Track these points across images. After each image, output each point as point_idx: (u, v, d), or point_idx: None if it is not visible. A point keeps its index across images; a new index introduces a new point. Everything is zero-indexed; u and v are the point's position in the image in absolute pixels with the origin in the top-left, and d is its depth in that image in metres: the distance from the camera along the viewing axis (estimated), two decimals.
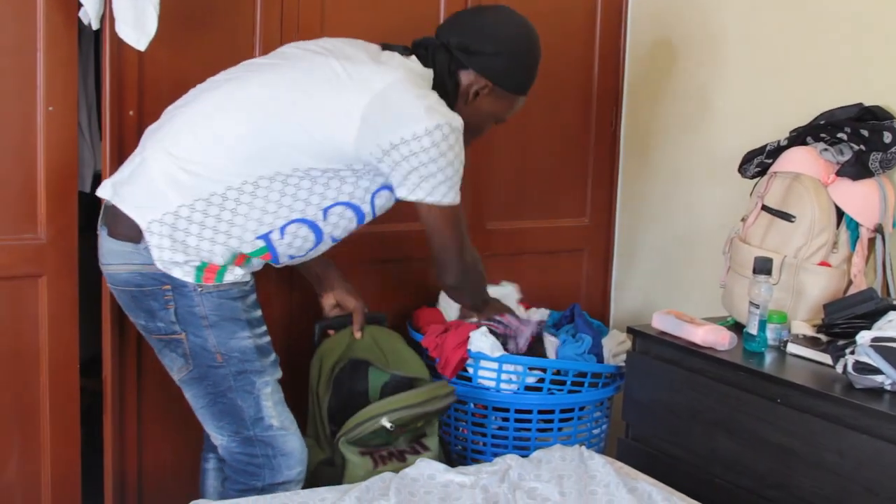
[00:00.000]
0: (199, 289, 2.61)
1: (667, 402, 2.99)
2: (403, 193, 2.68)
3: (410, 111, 2.60)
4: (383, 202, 2.78)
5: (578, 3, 3.90)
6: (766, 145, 3.18)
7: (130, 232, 2.60)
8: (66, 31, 2.93)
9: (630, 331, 3.15)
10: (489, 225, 3.76)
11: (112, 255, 2.66)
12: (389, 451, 2.97)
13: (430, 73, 2.78)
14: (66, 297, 3.01)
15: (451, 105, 2.76)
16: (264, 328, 2.74)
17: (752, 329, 2.87)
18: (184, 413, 2.86)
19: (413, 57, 2.79)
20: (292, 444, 2.74)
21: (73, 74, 2.96)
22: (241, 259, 2.65)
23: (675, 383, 2.96)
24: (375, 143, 2.59)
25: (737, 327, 3.04)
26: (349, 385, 3.13)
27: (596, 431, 3.43)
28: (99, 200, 2.76)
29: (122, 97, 2.98)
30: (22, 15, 2.86)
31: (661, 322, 3.06)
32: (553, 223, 3.97)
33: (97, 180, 3.30)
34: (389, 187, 2.72)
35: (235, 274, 2.64)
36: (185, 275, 2.59)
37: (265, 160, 2.60)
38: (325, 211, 2.69)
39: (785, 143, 3.14)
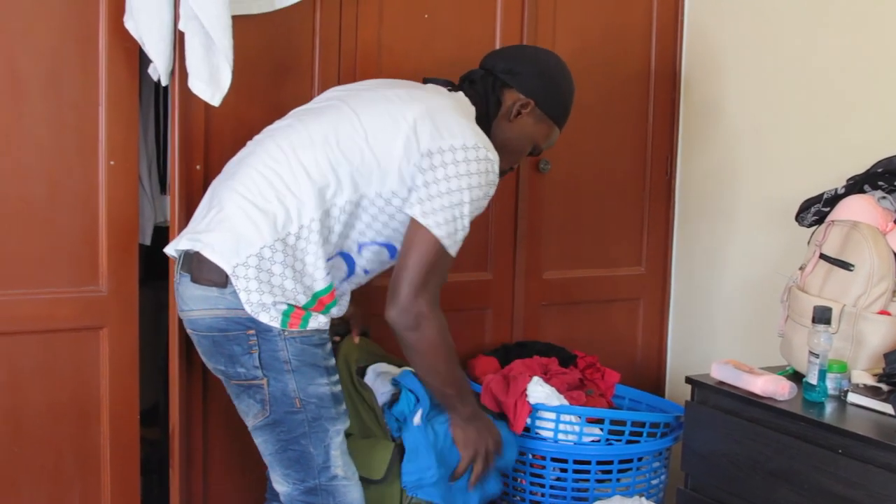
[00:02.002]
0: (285, 333, 2.62)
1: (726, 453, 2.96)
2: (413, 203, 2.68)
3: (457, 127, 2.70)
4: None
5: (633, 51, 3.91)
6: (823, 193, 3.17)
7: (216, 277, 2.61)
8: (128, 85, 2.98)
9: (688, 381, 3.13)
10: (545, 274, 3.76)
11: (195, 300, 2.67)
12: None
13: (473, 109, 2.87)
14: (127, 348, 3.05)
15: (492, 124, 2.90)
16: (338, 376, 2.75)
17: (812, 379, 2.84)
18: (248, 462, 2.87)
19: (460, 93, 2.90)
20: (353, 495, 2.74)
21: (134, 128, 3.01)
22: (327, 298, 2.68)
23: (734, 434, 2.93)
24: (418, 150, 2.67)
25: (796, 377, 3.01)
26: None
27: (655, 482, 3.40)
28: (157, 252, 2.79)
29: (190, 151, 3.01)
30: (85, 70, 2.93)
31: (719, 372, 3.03)
32: (609, 272, 3.96)
33: (157, 233, 3.36)
34: None
35: (319, 321, 2.66)
36: (272, 319, 2.60)
37: (334, 191, 2.65)
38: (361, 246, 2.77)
39: (842, 191, 3.12)
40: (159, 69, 2.88)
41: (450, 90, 2.90)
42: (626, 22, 3.88)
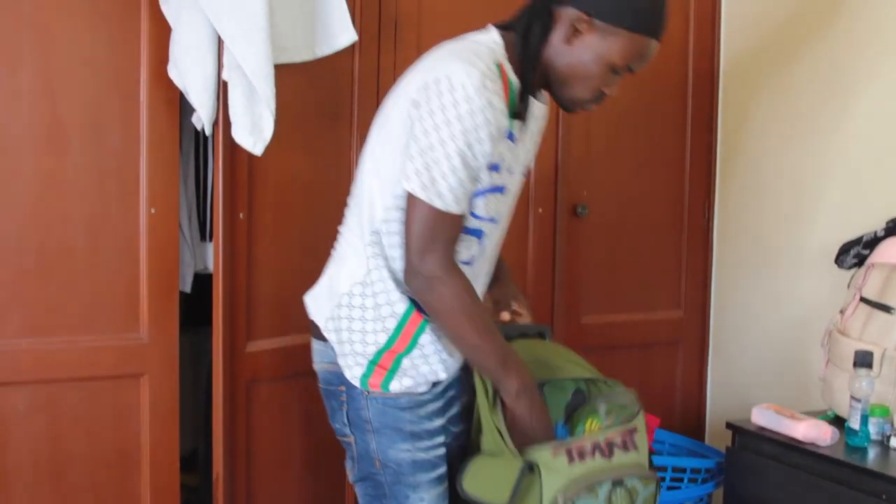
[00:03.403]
0: (367, 393, 2.51)
1: (768, 499, 2.94)
2: (407, 174, 2.35)
3: (442, 62, 2.34)
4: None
5: (670, 95, 3.93)
6: (862, 236, 3.16)
7: (319, 331, 2.57)
8: (169, 134, 3.01)
9: (729, 426, 3.11)
10: (584, 319, 3.76)
11: (315, 353, 2.61)
12: (594, 443, 2.42)
13: (495, 43, 2.43)
14: (167, 395, 3.06)
15: (541, 53, 2.43)
16: (434, 441, 2.53)
17: (854, 424, 2.82)
18: None
19: (489, 30, 2.48)
20: None
21: (174, 176, 3.04)
22: (401, 345, 2.48)
23: (776, 479, 2.91)
24: (408, 107, 2.37)
25: (837, 421, 2.99)
26: None
27: None
28: (198, 299, 2.79)
29: (234, 200, 3.02)
30: (126, 119, 2.96)
31: (760, 417, 3.02)
32: (647, 316, 3.96)
33: (196, 280, 3.38)
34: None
35: (403, 384, 2.48)
36: (353, 378, 2.50)
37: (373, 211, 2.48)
38: None
39: (882, 233, 3.11)
40: (203, 118, 2.90)
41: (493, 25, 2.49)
42: (664, 66, 3.89)
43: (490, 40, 2.43)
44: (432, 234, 2.35)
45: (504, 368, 2.43)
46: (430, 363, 2.49)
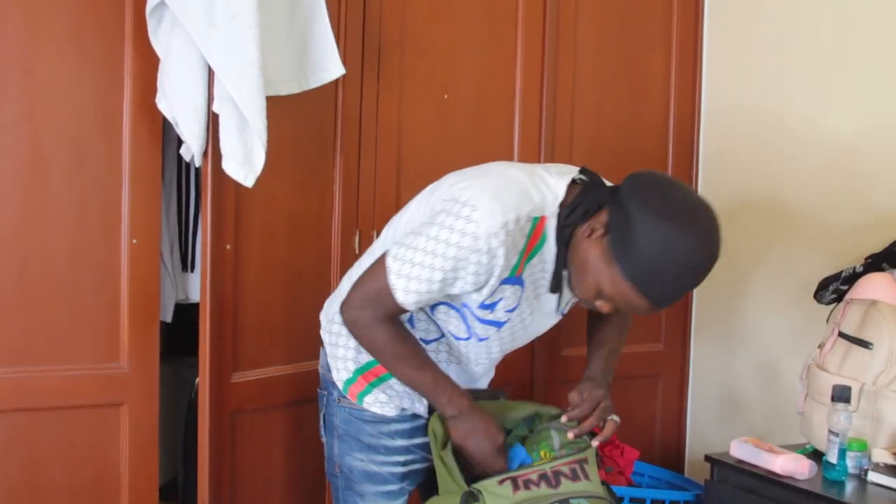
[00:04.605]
0: (339, 400, 2.65)
1: None
2: (392, 247, 2.42)
3: (478, 189, 2.32)
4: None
5: (651, 127, 3.97)
6: (841, 271, 3.18)
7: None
8: (151, 165, 3.02)
9: (707, 459, 3.12)
10: (564, 351, 3.76)
11: (320, 356, 2.76)
12: (540, 473, 2.44)
13: (556, 192, 2.37)
14: (147, 424, 3.05)
15: (574, 233, 2.36)
16: (391, 458, 2.65)
17: (832, 457, 2.83)
18: None
19: (560, 178, 2.40)
20: None
21: (156, 207, 3.04)
22: (371, 374, 2.62)
23: None
24: (433, 204, 2.43)
25: (816, 455, 3.00)
26: None
27: None
28: (179, 328, 2.80)
29: (221, 231, 3.01)
30: (109, 150, 2.96)
31: (738, 450, 3.03)
32: (627, 349, 3.89)
33: (177, 310, 3.38)
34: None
35: (379, 401, 2.62)
36: (339, 381, 2.64)
37: None
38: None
39: (861, 269, 3.13)
40: (193, 149, 2.90)
41: (577, 177, 2.42)
42: (644, 102, 3.94)
43: (550, 190, 2.36)
44: (377, 302, 2.42)
45: (437, 396, 2.50)
46: (401, 397, 2.63)
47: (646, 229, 2.21)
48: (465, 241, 2.28)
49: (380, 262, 2.39)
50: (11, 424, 2.90)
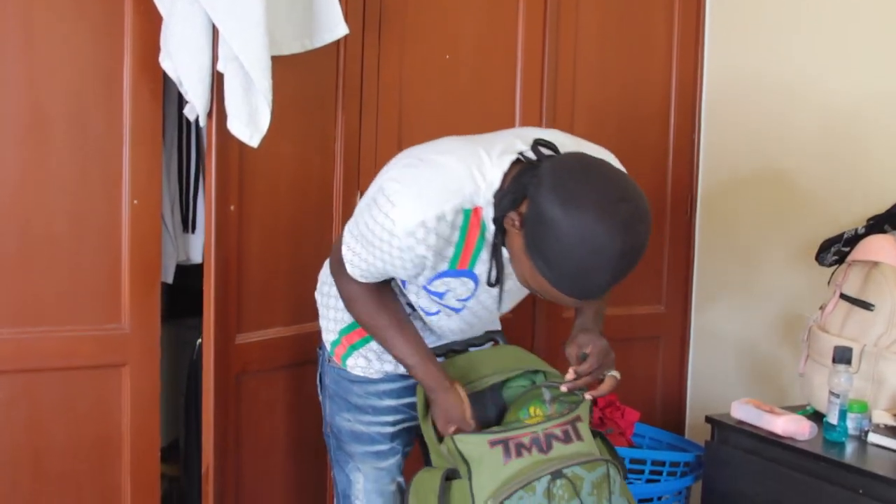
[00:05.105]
0: (330, 360, 2.71)
1: (746, 493, 2.95)
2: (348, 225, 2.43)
3: (403, 182, 2.25)
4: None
5: (653, 91, 3.95)
6: (843, 233, 3.17)
7: None
8: (152, 125, 3.00)
9: (708, 420, 3.12)
10: (565, 314, 3.76)
11: None
12: (532, 437, 2.36)
13: (492, 181, 2.23)
14: (148, 385, 3.05)
15: (503, 216, 2.20)
16: (379, 418, 2.66)
17: (833, 419, 2.83)
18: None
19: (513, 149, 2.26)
20: None
21: (157, 168, 3.03)
22: (353, 336, 2.65)
23: (754, 473, 2.92)
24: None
25: (816, 416, 3.00)
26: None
27: None
28: (180, 290, 2.80)
29: (225, 192, 3.00)
30: (109, 110, 2.94)
31: (739, 411, 3.03)
32: (628, 310, 3.96)
33: (179, 271, 3.37)
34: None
35: (359, 364, 2.66)
36: (327, 342, 2.70)
37: None
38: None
39: (863, 230, 3.12)
40: (197, 109, 2.88)
41: (520, 156, 2.25)
42: (647, 65, 3.92)
43: (484, 178, 2.23)
44: (341, 267, 2.44)
45: (411, 368, 2.48)
46: (381, 361, 2.64)
47: (555, 223, 2.05)
48: (384, 235, 2.24)
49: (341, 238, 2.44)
50: (13, 385, 2.90)
